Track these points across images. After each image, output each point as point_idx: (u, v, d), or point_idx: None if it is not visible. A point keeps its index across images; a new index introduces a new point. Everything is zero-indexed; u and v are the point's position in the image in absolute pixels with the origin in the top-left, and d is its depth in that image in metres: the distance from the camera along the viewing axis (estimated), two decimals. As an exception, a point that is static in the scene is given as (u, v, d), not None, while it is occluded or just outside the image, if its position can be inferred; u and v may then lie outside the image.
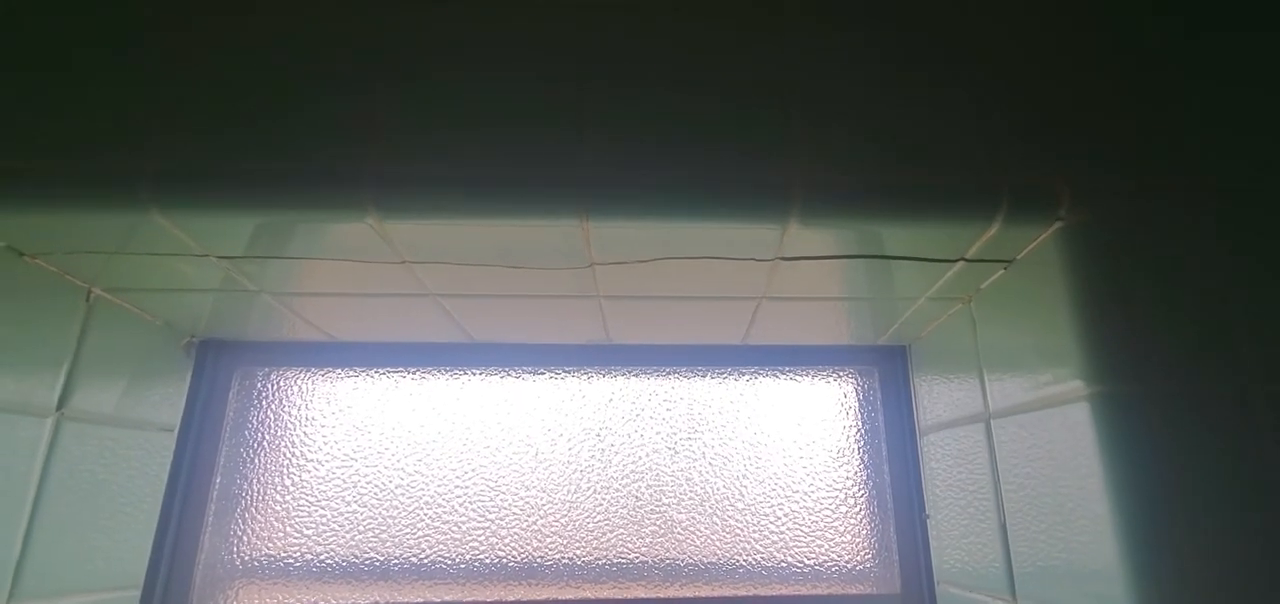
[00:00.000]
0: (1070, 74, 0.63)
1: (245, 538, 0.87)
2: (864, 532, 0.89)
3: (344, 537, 0.87)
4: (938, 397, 0.83)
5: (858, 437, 0.93)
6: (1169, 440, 0.52)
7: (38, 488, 0.67)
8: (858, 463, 0.92)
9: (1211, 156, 0.60)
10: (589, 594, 0.86)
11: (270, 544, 0.87)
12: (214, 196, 0.57)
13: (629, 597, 0.86)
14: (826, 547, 0.89)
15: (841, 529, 0.89)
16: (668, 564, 0.88)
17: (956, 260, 0.65)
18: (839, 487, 0.91)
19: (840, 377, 0.96)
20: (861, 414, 0.94)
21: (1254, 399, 0.53)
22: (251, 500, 0.88)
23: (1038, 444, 0.62)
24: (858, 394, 0.95)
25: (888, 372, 0.94)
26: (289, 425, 0.91)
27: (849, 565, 0.88)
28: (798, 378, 0.95)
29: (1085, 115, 0.61)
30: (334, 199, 0.57)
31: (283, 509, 0.88)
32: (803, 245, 0.63)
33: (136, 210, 0.57)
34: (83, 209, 0.58)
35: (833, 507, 0.90)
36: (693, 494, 0.91)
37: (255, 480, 0.89)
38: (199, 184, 0.57)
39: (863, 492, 0.91)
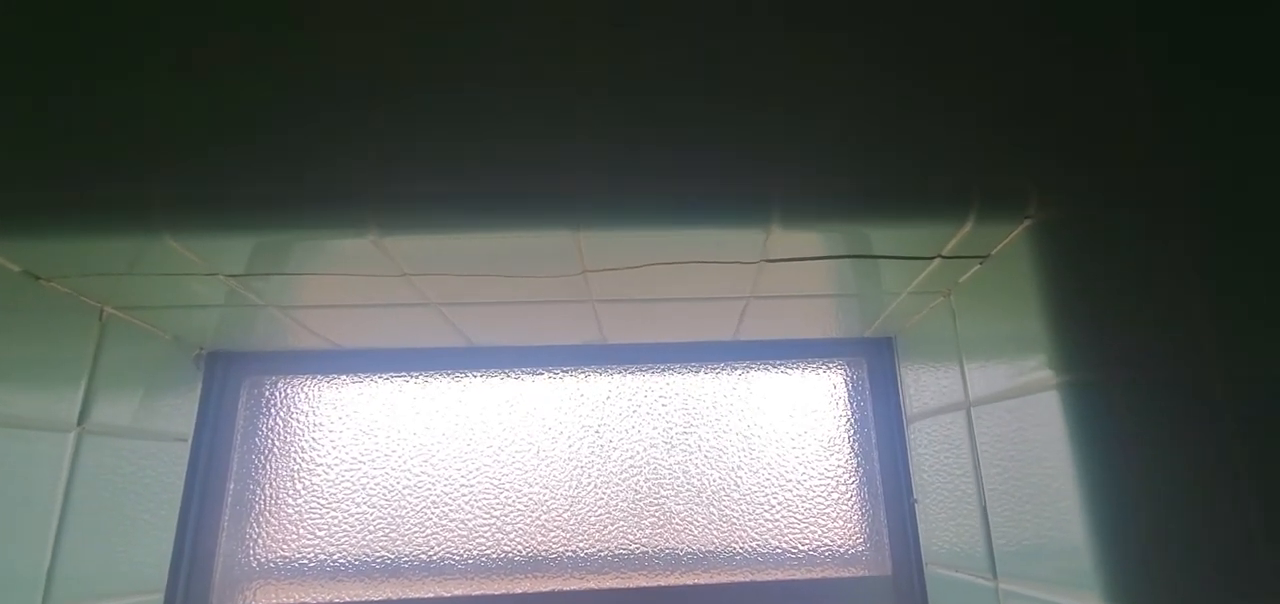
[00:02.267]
0: (1037, 75, 0.65)
1: (260, 541, 0.90)
2: (855, 517, 0.93)
3: (355, 537, 0.91)
4: (923, 386, 0.86)
5: (848, 426, 0.96)
6: (1133, 425, 0.55)
7: (63, 500, 0.70)
8: (848, 451, 0.95)
9: (1173, 154, 0.62)
10: (592, 585, 0.90)
11: (284, 546, 0.91)
12: (223, 220, 0.60)
13: (631, 586, 0.90)
14: (820, 532, 0.92)
15: (834, 515, 0.93)
16: (667, 554, 0.92)
17: (933, 258, 0.68)
18: (830, 474, 0.94)
19: (830, 368, 0.99)
20: (851, 404, 0.97)
21: (1212, 386, 0.56)
22: (265, 505, 0.92)
23: (1014, 430, 0.65)
24: (847, 384, 0.98)
25: (876, 362, 0.97)
26: (298, 432, 0.95)
27: (842, 550, 0.92)
28: (788, 370, 0.98)
29: (1051, 116, 0.64)
30: (337, 218, 0.60)
31: (295, 512, 0.92)
32: (786, 247, 0.66)
33: (149, 235, 0.60)
34: (97, 235, 0.61)
35: (825, 494, 0.93)
36: (690, 486, 0.94)
37: (267, 485, 0.92)
38: (209, 208, 0.60)
39: (853, 478, 0.94)
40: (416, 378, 0.97)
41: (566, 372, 0.98)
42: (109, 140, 0.62)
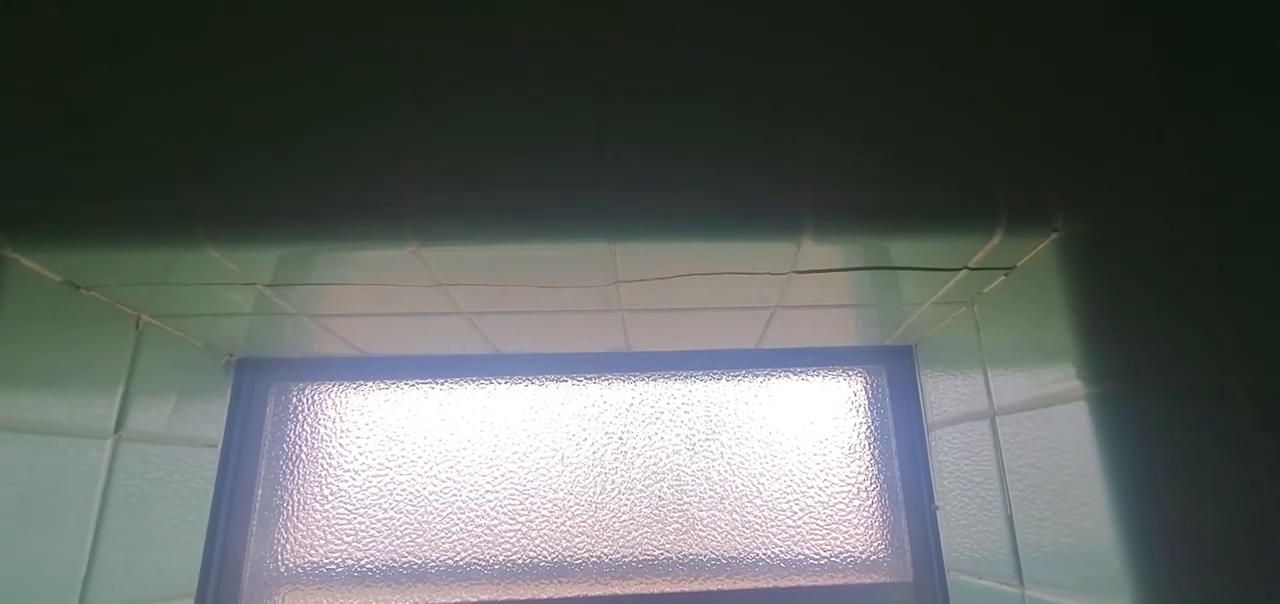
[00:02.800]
0: (1063, 90, 0.66)
1: (288, 546, 0.91)
2: (877, 523, 0.94)
3: (382, 542, 0.92)
4: (944, 394, 0.87)
5: (868, 433, 0.97)
6: (1160, 435, 0.56)
7: (100, 507, 0.72)
8: (869, 458, 0.96)
9: (1198, 166, 0.63)
10: (617, 590, 0.91)
11: (312, 551, 0.92)
12: (266, 233, 0.61)
13: (655, 592, 0.91)
14: (841, 539, 0.93)
15: (855, 522, 0.94)
16: (691, 560, 0.93)
17: (960, 269, 0.69)
18: (851, 481, 0.95)
19: (850, 376, 1.00)
20: (871, 411, 0.98)
21: (1237, 396, 0.57)
22: (293, 510, 0.93)
23: (1041, 439, 0.66)
24: (867, 392, 0.99)
25: (896, 370, 0.98)
26: (325, 438, 0.96)
27: (863, 556, 0.93)
28: (809, 378, 0.99)
29: (1078, 130, 0.65)
30: (378, 229, 0.61)
31: (323, 517, 0.93)
32: (815, 260, 0.67)
33: (193, 247, 0.61)
34: (139, 246, 0.62)
35: (846, 500, 0.94)
36: (712, 492, 0.95)
37: (295, 491, 0.93)
38: (252, 222, 0.61)
39: (874, 485, 0.95)
40: (442, 384, 0.98)
41: (591, 378, 0.99)
42: (151, 153, 0.63)
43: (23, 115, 0.64)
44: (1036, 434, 0.67)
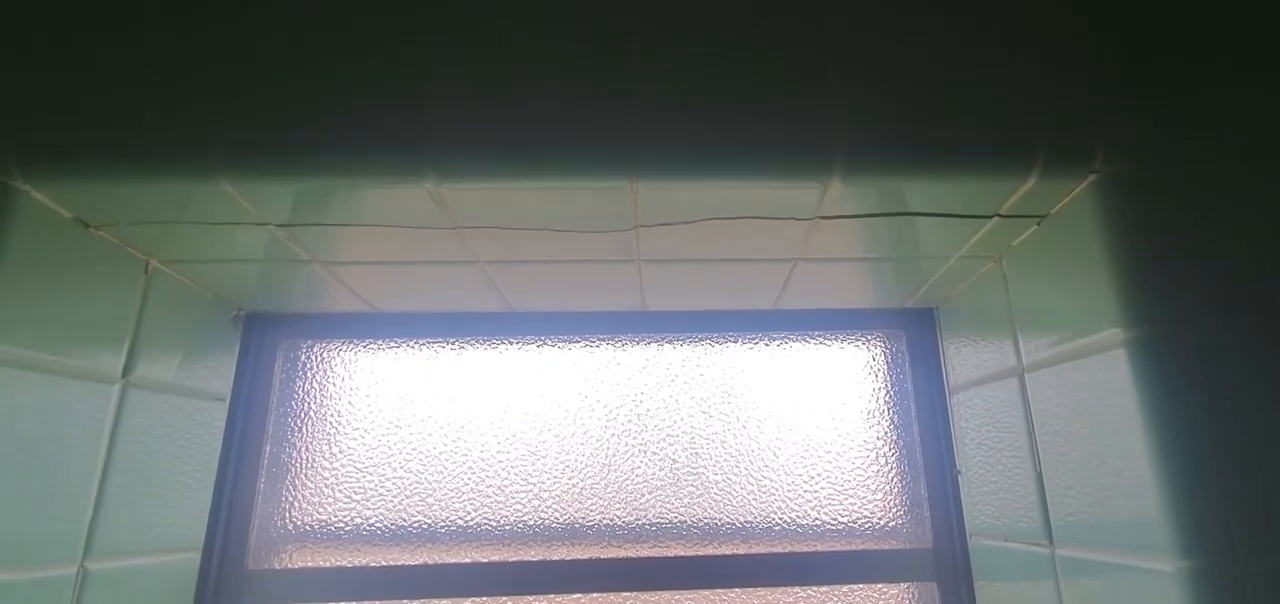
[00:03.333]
0: (1102, 27, 0.64)
1: (296, 503, 0.90)
2: (895, 489, 0.92)
3: (391, 501, 0.90)
4: (967, 356, 0.85)
5: (887, 397, 0.95)
6: (1205, 380, 0.54)
7: (107, 452, 0.70)
8: (888, 423, 0.94)
9: (1241, 105, 0.61)
10: (629, 553, 0.89)
11: (320, 509, 0.90)
12: (280, 164, 0.60)
13: (668, 555, 0.89)
14: (859, 504, 0.91)
15: (873, 487, 0.92)
16: (705, 524, 0.91)
17: (991, 216, 0.67)
18: (870, 446, 0.93)
19: (868, 340, 0.98)
20: (890, 376, 0.96)
21: (1288, 339, 0.55)
22: (301, 468, 0.91)
23: (1073, 393, 0.64)
24: (886, 357, 0.97)
25: (915, 334, 0.96)
26: (334, 396, 0.94)
27: (882, 522, 0.91)
28: (827, 342, 0.97)
29: (1117, 68, 0.63)
30: (394, 164, 0.60)
31: (331, 476, 0.91)
32: (842, 204, 0.65)
33: (205, 178, 0.59)
34: (151, 178, 0.60)
35: (864, 466, 0.93)
36: (728, 456, 0.93)
37: (303, 448, 0.92)
38: (267, 152, 0.59)
39: (893, 451, 0.93)
40: (453, 343, 0.96)
41: (604, 339, 0.97)
42: (165, 81, 0.61)
43: (36, 43, 0.62)
44: (1069, 388, 0.65)
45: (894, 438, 0.94)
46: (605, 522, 0.91)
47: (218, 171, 0.59)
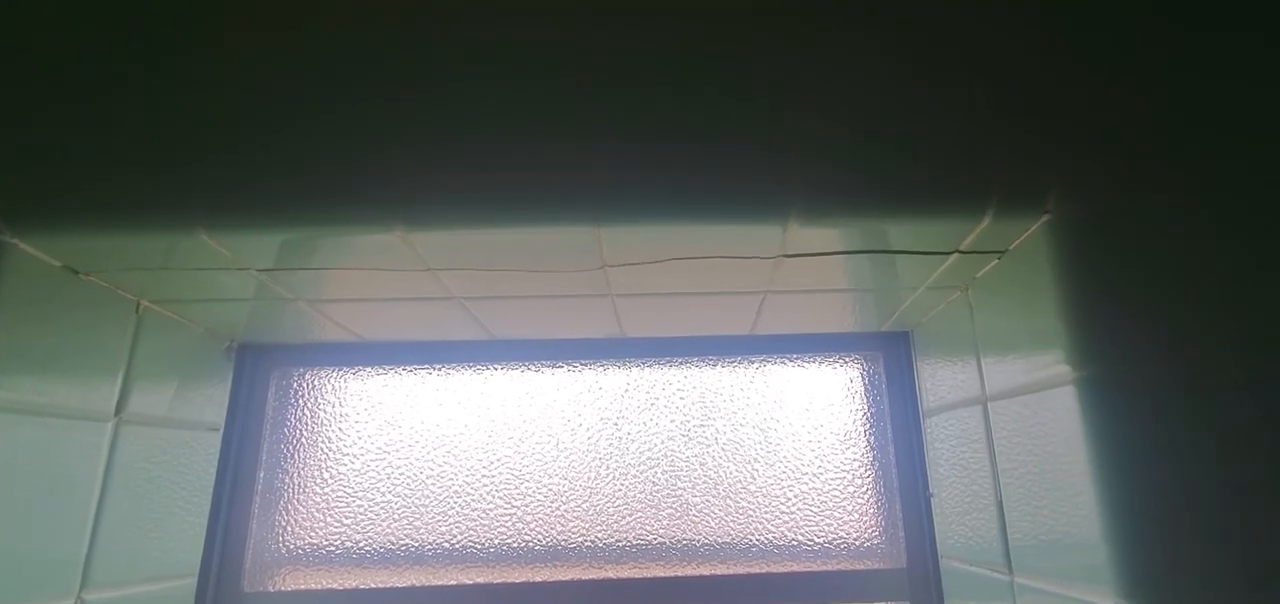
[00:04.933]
0: (1057, 70, 0.65)
1: (289, 528, 0.93)
2: (871, 510, 0.93)
3: (380, 525, 0.93)
4: (940, 380, 0.87)
5: (864, 419, 0.97)
6: (1152, 421, 0.55)
7: (102, 488, 0.73)
8: (864, 445, 0.96)
9: (1194, 147, 0.62)
10: (610, 574, 0.92)
11: (312, 533, 0.93)
12: (256, 215, 0.62)
13: (648, 576, 0.91)
14: (835, 525, 0.93)
15: (849, 508, 0.93)
16: (684, 544, 0.93)
17: (951, 252, 0.68)
18: (846, 468, 0.95)
19: (846, 362, 0.99)
20: (867, 398, 0.98)
21: (1234, 380, 0.56)
22: (293, 493, 0.94)
23: (1030, 425, 0.65)
24: (863, 378, 0.98)
25: (892, 356, 0.97)
26: (325, 422, 0.97)
27: (857, 543, 0.92)
28: (805, 364, 0.99)
29: (1071, 111, 0.64)
30: (366, 213, 0.62)
31: (322, 500, 0.94)
32: (804, 243, 0.66)
33: (186, 231, 0.62)
34: (136, 230, 0.63)
35: (841, 487, 0.94)
36: (706, 478, 0.95)
37: (296, 474, 0.95)
38: (243, 204, 0.62)
39: (869, 472, 0.95)
40: (439, 370, 0.99)
41: (586, 364, 0.99)
42: (145, 138, 0.64)
43: (22, 101, 0.65)
44: (1027, 420, 0.66)
45: (870, 459, 0.95)
46: (587, 543, 0.93)
47: (197, 224, 0.62)
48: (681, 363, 0.99)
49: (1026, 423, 0.66)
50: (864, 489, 0.94)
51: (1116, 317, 0.58)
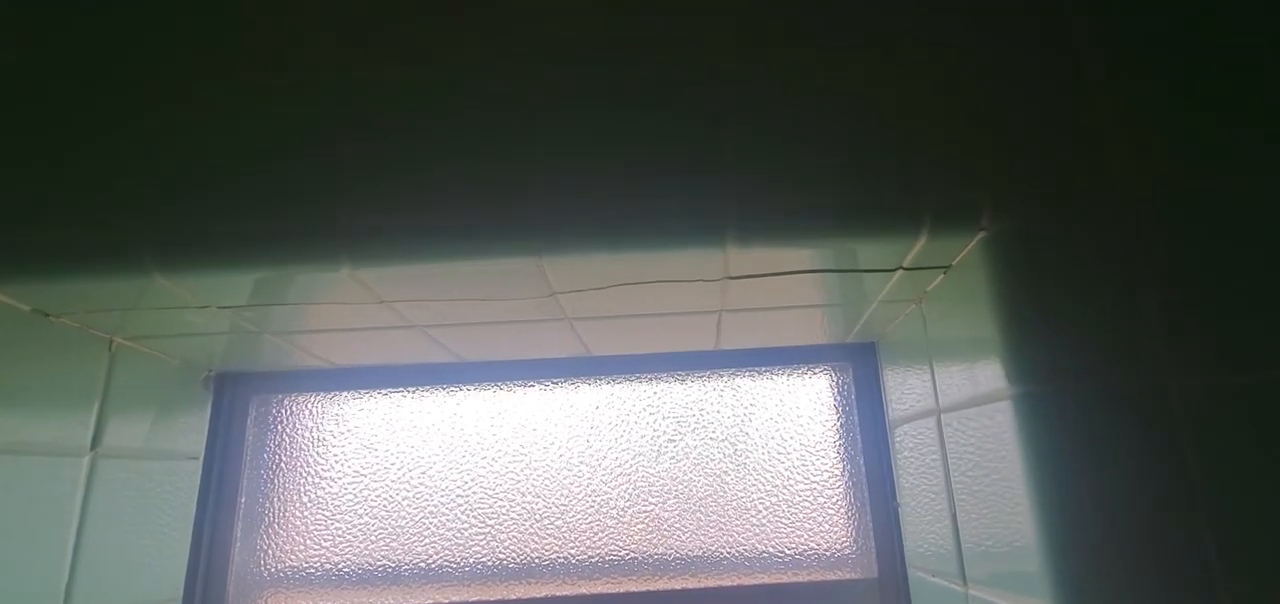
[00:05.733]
0: (991, 88, 0.65)
1: (270, 551, 0.95)
2: (841, 521, 0.94)
3: (358, 546, 0.95)
4: (903, 392, 0.87)
5: (834, 430, 0.97)
6: (1085, 436, 0.55)
7: (79, 521, 0.76)
8: (835, 455, 0.96)
9: (1126, 163, 0.62)
10: (584, 590, 0.93)
11: (293, 556, 0.95)
12: (208, 258, 0.64)
13: (621, 591, 0.92)
14: (807, 536, 0.93)
15: (820, 519, 0.94)
16: (657, 559, 0.94)
17: (895, 270, 0.68)
18: (817, 478, 0.95)
19: (816, 373, 1.00)
20: (838, 409, 0.98)
21: (1167, 396, 0.56)
22: (274, 517, 0.97)
23: (976, 438, 0.65)
24: (833, 389, 0.99)
25: (860, 367, 0.97)
26: (303, 447, 0.99)
27: (828, 553, 0.93)
28: (775, 376, 0.99)
29: (1006, 128, 0.64)
30: (313, 252, 0.64)
31: (302, 523, 0.96)
32: (746, 265, 0.67)
33: (141, 275, 0.64)
34: (94, 275, 0.65)
35: (811, 498, 0.95)
36: (678, 492, 0.96)
37: (276, 498, 0.97)
38: (194, 248, 0.64)
39: (840, 482, 0.95)
40: (412, 393, 1.01)
41: (557, 383, 1.00)
42: (104, 185, 0.66)
43: (-18, 156, 0.67)
44: (973, 433, 0.66)
45: (840, 470, 0.95)
46: (561, 559, 0.94)
47: (151, 267, 0.64)
48: (651, 378, 1.00)
49: (973, 436, 0.66)
50: (836, 499, 0.94)
51: (1049, 333, 0.58)
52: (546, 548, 0.94)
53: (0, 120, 0.69)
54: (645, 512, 0.95)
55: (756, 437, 0.97)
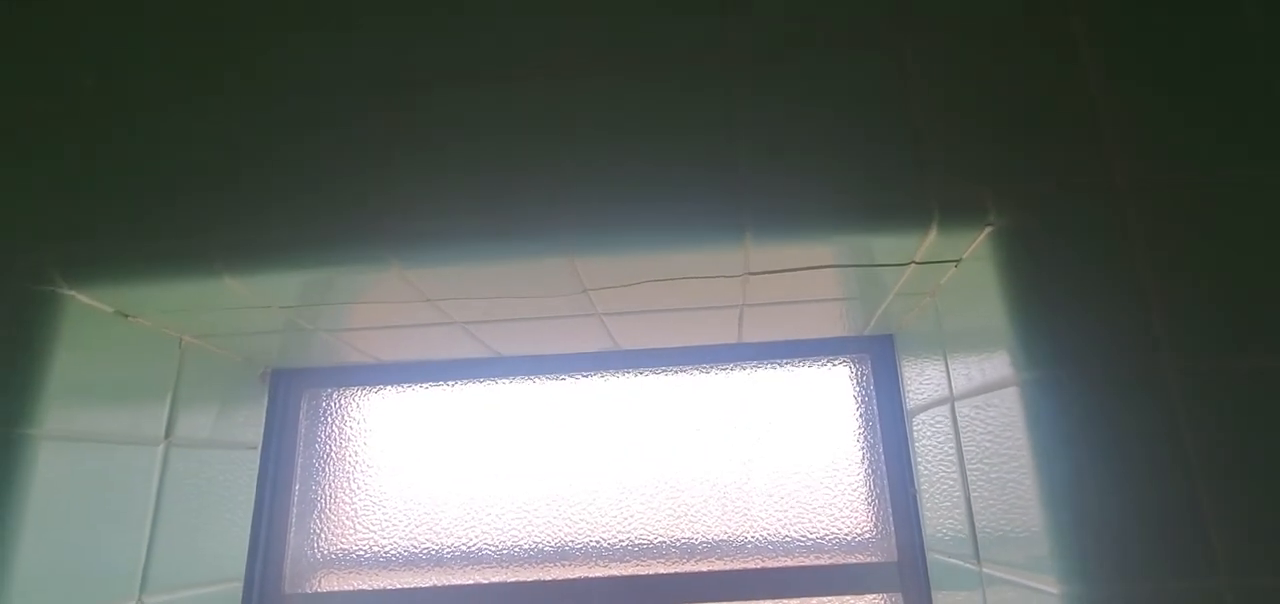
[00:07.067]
0: (994, 84, 0.69)
1: (323, 535, 1.02)
2: (862, 507, 0.97)
3: (403, 530, 1.02)
4: (919, 382, 0.90)
5: (854, 419, 1.00)
6: (1088, 420, 0.59)
7: (155, 503, 0.83)
8: (854, 444, 0.99)
9: (1128, 155, 0.65)
10: (614, 572, 0.98)
11: (343, 540, 1.02)
12: (271, 262, 0.70)
13: (649, 573, 0.97)
14: (828, 521, 0.97)
15: (841, 505, 0.97)
16: (683, 543, 0.98)
17: (908, 264, 0.72)
18: (838, 466, 0.99)
19: (836, 364, 1.03)
20: (857, 399, 1.01)
21: (1166, 381, 0.59)
22: (325, 504, 1.03)
23: (987, 424, 0.69)
24: (854, 380, 1.02)
25: (879, 358, 1.01)
26: (351, 438, 1.06)
27: (849, 537, 0.96)
28: (796, 367, 1.03)
29: (1010, 123, 0.67)
30: (366, 255, 0.70)
31: (351, 510, 1.03)
32: (766, 261, 0.71)
33: (212, 277, 0.71)
34: (170, 278, 0.72)
35: (832, 484, 0.98)
36: (705, 479, 1.00)
37: (327, 486, 1.04)
38: (259, 253, 0.70)
39: (860, 470, 0.98)
40: (451, 386, 1.07)
41: (586, 375, 1.06)
42: (173, 197, 0.73)
43: (70, 172, 0.75)
44: (984, 420, 0.69)
45: (860, 457, 0.99)
46: (592, 543, 0.99)
47: (221, 271, 0.70)
48: (678, 371, 1.05)
49: (984, 422, 0.69)
50: (855, 486, 0.98)
51: (1055, 321, 0.61)
52: (579, 531, 1.00)
53: (87, 140, 0.76)
54: (673, 497, 1.00)
55: (779, 426, 1.01)
